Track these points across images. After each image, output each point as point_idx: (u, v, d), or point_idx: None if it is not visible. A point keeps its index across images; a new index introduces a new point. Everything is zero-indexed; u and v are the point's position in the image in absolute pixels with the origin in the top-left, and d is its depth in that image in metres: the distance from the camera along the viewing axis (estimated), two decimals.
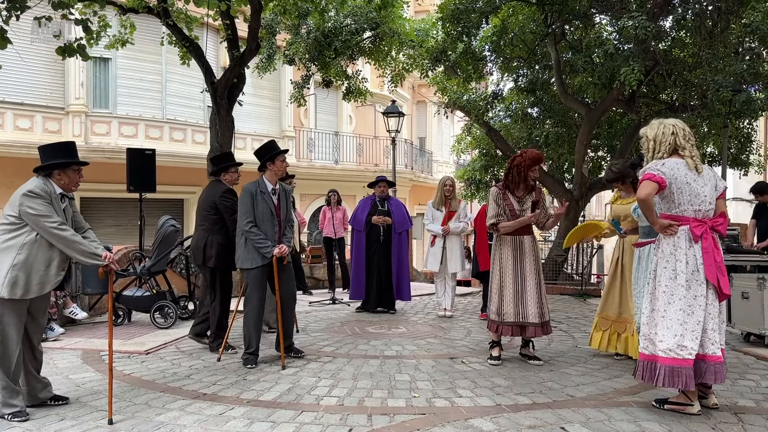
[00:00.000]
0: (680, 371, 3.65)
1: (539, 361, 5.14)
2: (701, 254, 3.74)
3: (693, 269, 3.74)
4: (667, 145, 3.87)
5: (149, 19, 8.31)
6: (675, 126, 3.91)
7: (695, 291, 3.72)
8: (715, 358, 3.70)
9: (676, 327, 3.71)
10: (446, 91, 12.23)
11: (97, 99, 13.36)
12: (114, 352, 5.43)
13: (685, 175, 3.76)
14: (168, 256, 7.08)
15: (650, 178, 3.75)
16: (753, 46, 9.77)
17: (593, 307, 8.77)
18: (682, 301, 3.72)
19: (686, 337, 3.68)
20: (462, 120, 17.45)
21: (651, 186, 3.73)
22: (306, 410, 3.92)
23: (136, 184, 8.05)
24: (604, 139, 13.76)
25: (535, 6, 10.08)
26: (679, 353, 3.66)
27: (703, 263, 3.73)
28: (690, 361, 3.66)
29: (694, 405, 3.79)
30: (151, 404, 4.05)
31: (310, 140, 17.43)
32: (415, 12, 20.15)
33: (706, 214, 3.81)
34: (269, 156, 5.09)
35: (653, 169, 3.77)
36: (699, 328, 3.70)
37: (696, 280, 3.73)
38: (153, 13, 7.39)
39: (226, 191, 5.62)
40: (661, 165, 3.78)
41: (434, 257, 7.72)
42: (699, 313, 3.70)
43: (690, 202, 3.77)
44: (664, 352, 3.70)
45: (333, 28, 10.61)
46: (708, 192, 3.81)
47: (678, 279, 3.75)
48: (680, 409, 3.80)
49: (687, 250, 3.76)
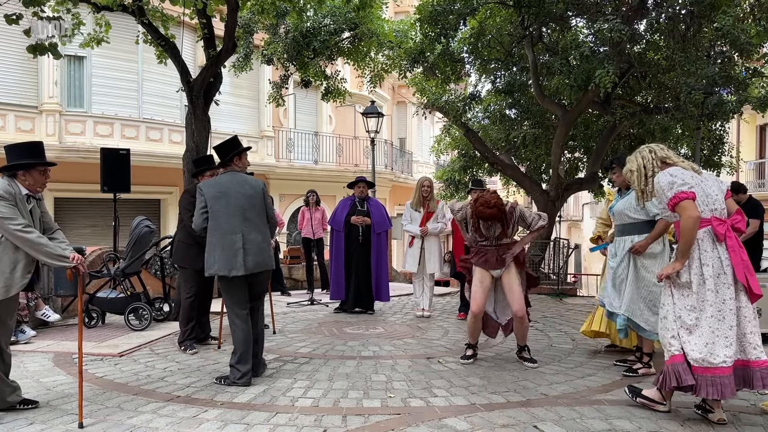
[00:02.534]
0: (715, 380, 3.48)
1: (534, 363, 5.16)
2: (727, 254, 3.59)
3: (718, 272, 3.58)
4: (653, 161, 3.88)
5: (125, 18, 8.20)
6: (648, 147, 3.99)
7: (723, 295, 3.55)
8: (761, 363, 3.54)
9: (707, 335, 3.54)
10: (425, 92, 12.27)
11: (71, 98, 13.16)
12: (87, 355, 5.39)
13: (691, 177, 3.67)
14: (143, 257, 7.00)
15: (687, 197, 3.55)
16: (724, 50, 9.96)
17: (569, 306, 8.88)
18: (713, 307, 3.55)
19: (717, 344, 3.52)
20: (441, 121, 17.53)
21: (690, 204, 3.54)
22: (281, 412, 3.91)
23: (110, 184, 7.94)
24: (580, 141, 13.93)
25: (512, 8, 10.16)
26: (713, 362, 3.50)
27: (730, 263, 3.57)
28: (726, 369, 3.49)
29: (665, 404, 3.82)
30: (123, 407, 4.01)
31: (290, 140, 17.36)
32: (394, 13, 20.18)
33: (722, 213, 3.68)
34: (237, 152, 4.92)
35: (677, 186, 3.58)
36: (732, 333, 3.53)
37: (723, 283, 3.56)
38: (128, 11, 7.30)
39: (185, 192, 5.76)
40: (677, 177, 3.62)
41: (412, 258, 7.74)
42: (730, 317, 3.54)
43: (705, 203, 3.65)
44: (697, 362, 3.53)
45: (311, 28, 10.57)
46: (716, 192, 3.72)
47: (706, 284, 3.57)
48: (651, 406, 3.85)
49: (711, 252, 3.59)
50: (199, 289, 5.76)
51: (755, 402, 4.07)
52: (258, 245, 4.61)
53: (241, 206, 4.62)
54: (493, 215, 4.98)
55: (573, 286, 12.00)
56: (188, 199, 5.70)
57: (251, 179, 4.85)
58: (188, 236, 5.68)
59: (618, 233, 5.05)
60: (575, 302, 9.43)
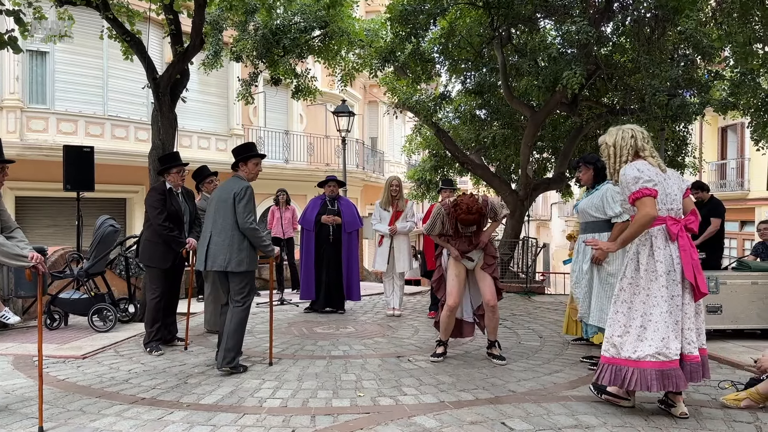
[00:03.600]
0: (670, 373, 3.60)
1: (503, 360, 5.20)
2: (678, 253, 3.70)
3: (669, 269, 3.69)
4: (629, 149, 3.86)
5: (89, 12, 8.01)
6: (633, 129, 3.93)
7: (672, 291, 3.68)
8: (692, 358, 3.68)
9: (662, 329, 3.65)
10: (396, 92, 12.28)
11: (33, 94, 12.80)
12: (48, 357, 5.25)
13: (656, 174, 3.73)
14: (107, 257, 6.85)
15: (650, 194, 3.64)
16: (687, 53, 10.19)
17: (537, 304, 8.99)
18: (666, 303, 3.67)
19: (670, 338, 3.65)
20: (412, 120, 17.59)
21: (651, 201, 3.64)
22: (248, 413, 3.86)
23: (73, 182, 7.75)
24: (548, 141, 14.10)
25: (481, 9, 10.22)
26: (668, 355, 3.62)
27: (680, 262, 3.69)
28: (677, 362, 3.63)
29: (629, 400, 3.89)
30: (85, 410, 3.91)
31: (260, 139, 17.17)
32: (365, 12, 20.15)
33: (678, 213, 3.79)
34: (246, 156, 5.05)
35: (643, 182, 3.66)
36: (678, 328, 3.68)
37: (672, 280, 3.69)
38: (92, 5, 7.13)
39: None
40: (641, 173, 3.68)
41: (382, 257, 7.74)
42: (677, 313, 3.68)
43: (663, 201, 3.74)
44: (654, 357, 3.62)
45: (281, 26, 10.48)
46: (676, 191, 3.81)
47: (659, 280, 3.69)
48: (615, 402, 3.91)
49: (664, 249, 3.70)
50: (166, 289, 5.66)
51: (716, 396, 4.18)
52: (219, 246, 4.86)
53: (214, 211, 4.97)
54: (475, 220, 5.06)
55: (541, 285, 12.15)
56: (154, 197, 5.59)
57: (234, 185, 4.93)
58: (154, 235, 5.58)
59: (581, 230, 5.18)
60: (543, 300, 9.55)
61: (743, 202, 18.81)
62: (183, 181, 5.82)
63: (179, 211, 5.68)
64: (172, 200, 5.64)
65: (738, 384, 4.29)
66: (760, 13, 7.53)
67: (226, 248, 4.82)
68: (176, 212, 5.63)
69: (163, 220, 5.47)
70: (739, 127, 19.35)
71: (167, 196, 5.61)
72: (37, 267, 3.65)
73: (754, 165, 17.71)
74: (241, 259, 4.84)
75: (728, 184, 20.18)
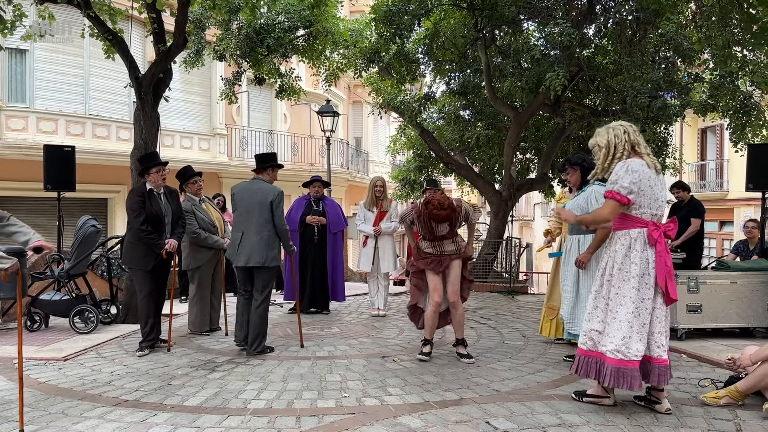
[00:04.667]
0: (626, 372, 3.67)
1: (471, 359, 5.25)
2: (654, 257, 3.73)
3: (644, 272, 3.73)
4: (624, 144, 3.79)
5: (70, 10, 7.92)
6: (623, 125, 3.86)
7: (643, 294, 3.73)
8: (661, 361, 3.75)
9: (625, 329, 3.71)
10: (380, 92, 12.29)
11: (12, 93, 12.61)
12: (29, 359, 5.19)
13: (648, 177, 3.72)
14: (88, 258, 6.77)
15: (616, 198, 3.69)
16: (668, 55, 10.33)
17: (521, 303, 9.05)
18: (633, 304, 3.72)
19: (633, 338, 3.69)
20: (396, 121, 17.60)
21: (615, 206, 3.71)
22: (233, 414, 3.84)
23: (54, 182, 7.67)
24: (531, 142, 14.19)
25: (465, 11, 10.27)
26: (627, 354, 3.68)
27: (655, 267, 3.73)
28: (636, 362, 3.68)
29: (609, 398, 3.94)
30: (67, 413, 3.87)
31: (243, 138, 17.09)
32: (350, 12, 20.14)
33: (660, 218, 3.83)
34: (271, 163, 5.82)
35: (619, 186, 3.69)
36: (644, 330, 3.72)
37: (645, 284, 3.73)
38: (73, 3, 7.05)
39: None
40: (627, 179, 3.68)
41: (366, 257, 7.74)
42: (645, 315, 3.72)
43: (649, 206, 3.76)
44: (612, 353, 3.70)
45: (265, 25, 10.44)
46: (662, 198, 3.85)
47: (630, 281, 3.74)
48: (597, 401, 3.96)
49: (641, 252, 3.73)
50: (153, 287, 5.62)
51: (696, 394, 4.24)
52: (256, 244, 5.41)
53: (246, 211, 5.55)
54: (448, 216, 5.08)
55: (524, 284, 12.23)
56: (133, 199, 5.54)
57: (266, 188, 5.64)
58: (134, 236, 5.53)
59: (569, 231, 5.23)
60: (527, 300, 9.62)
61: (722, 203, 19.11)
62: (164, 181, 5.76)
63: (159, 212, 5.62)
64: (152, 201, 5.59)
65: (717, 382, 4.36)
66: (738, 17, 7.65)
67: (263, 246, 5.42)
68: (156, 214, 5.57)
69: (141, 222, 5.43)
70: (719, 129, 19.65)
71: (146, 198, 5.56)
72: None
73: (733, 166, 17.99)
74: (273, 255, 5.49)
75: (708, 184, 20.49)
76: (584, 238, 4.92)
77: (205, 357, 5.42)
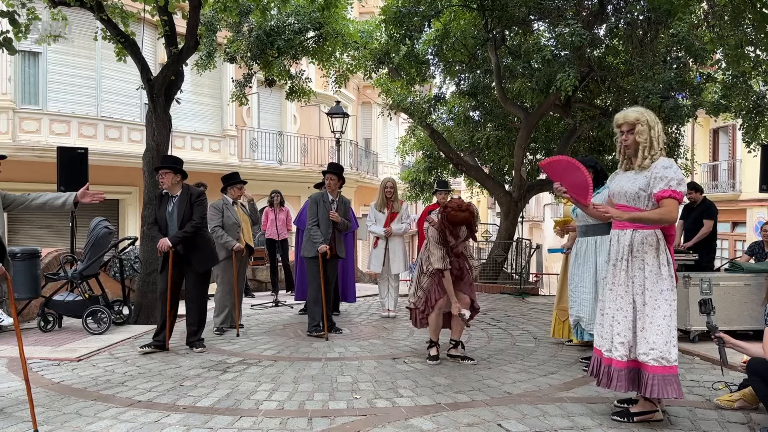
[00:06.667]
0: (671, 379, 3.49)
1: (472, 360, 5.23)
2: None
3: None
4: (663, 139, 3.55)
5: (83, 13, 7.99)
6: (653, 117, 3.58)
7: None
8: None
9: (666, 333, 3.51)
10: (390, 93, 12.30)
11: (26, 95, 12.73)
12: (43, 360, 5.24)
13: None
14: (101, 259, 6.83)
15: (679, 198, 3.46)
16: (680, 56, 10.27)
17: (531, 305, 9.03)
18: (671, 306, 3.55)
19: (672, 343, 3.52)
20: (406, 122, 17.59)
21: (678, 208, 3.48)
22: (245, 415, 3.86)
23: (67, 184, 7.71)
24: (541, 143, 14.15)
25: (475, 11, 10.27)
26: (670, 360, 3.50)
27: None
28: (677, 367, 3.52)
29: (658, 411, 3.69)
30: (81, 413, 3.90)
31: (253, 140, 17.16)
32: (359, 13, 20.17)
33: None
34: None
35: (683, 185, 3.46)
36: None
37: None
38: (86, 6, 7.12)
39: None
40: (681, 176, 3.49)
41: (377, 258, 7.75)
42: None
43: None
44: (656, 361, 3.48)
45: (276, 27, 10.48)
46: None
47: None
48: (648, 418, 3.66)
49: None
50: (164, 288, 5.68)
51: (709, 397, 4.21)
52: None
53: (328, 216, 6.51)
54: (466, 219, 5.05)
55: (535, 286, 12.19)
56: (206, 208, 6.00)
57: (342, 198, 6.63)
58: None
59: (581, 234, 5.17)
60: (537, 301, 9.59)
61: (735, 204, 18.96)
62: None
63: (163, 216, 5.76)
64: (161, 205, 5.74)
65: (731, 385, 4.32)
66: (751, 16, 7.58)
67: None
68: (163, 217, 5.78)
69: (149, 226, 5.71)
70: (731, 129, 19.50)
71: (159, 201, 5.76)
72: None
73: (746, 166, 17.85)
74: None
75: (720, 185, 20.32)
76: (601, 239, 4.84)
77: (216, 358, 5.44)
